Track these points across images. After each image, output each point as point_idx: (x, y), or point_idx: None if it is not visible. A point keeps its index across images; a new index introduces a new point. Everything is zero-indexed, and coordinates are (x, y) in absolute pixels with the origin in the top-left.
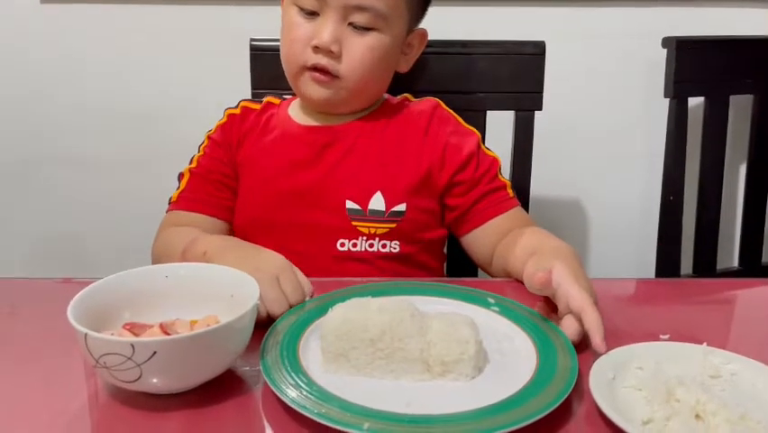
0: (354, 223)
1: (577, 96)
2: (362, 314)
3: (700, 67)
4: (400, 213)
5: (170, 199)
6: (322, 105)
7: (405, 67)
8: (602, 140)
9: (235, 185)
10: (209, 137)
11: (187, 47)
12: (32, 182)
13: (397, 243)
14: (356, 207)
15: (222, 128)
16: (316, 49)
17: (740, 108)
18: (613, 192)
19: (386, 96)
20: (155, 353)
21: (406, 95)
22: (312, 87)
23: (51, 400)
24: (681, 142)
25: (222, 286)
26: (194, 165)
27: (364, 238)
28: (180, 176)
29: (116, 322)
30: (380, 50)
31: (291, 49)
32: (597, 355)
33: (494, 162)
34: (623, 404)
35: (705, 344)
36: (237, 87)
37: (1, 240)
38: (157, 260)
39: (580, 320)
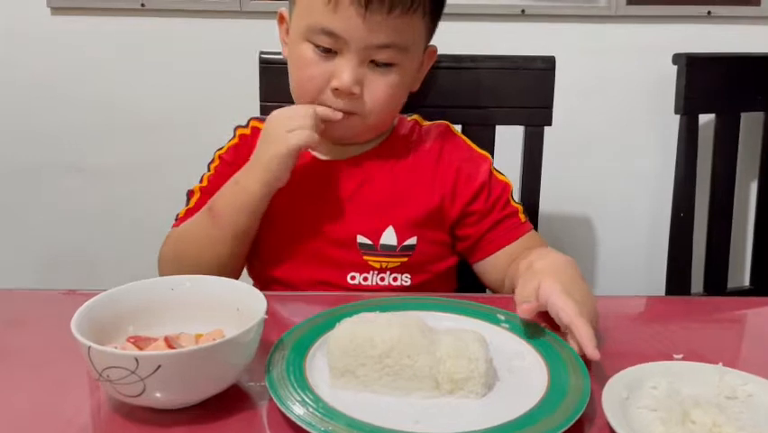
0: (366, 258)
1: (587, 112)
2: (370, 329)
3: (711, 83)
4: (411, 247)
5: (177, 216)
6: (337, 141)
7: (416, 85)
8: (612, 156)
9: None
10: (219, 156)
11: (197, 59)
12: (38, 191)
13: (408, 276)
14: (368, 241)
15: (233, 149)
16: (336, 91)
17: (751, 125)
18: (623, 208)
19: (397, 118)
20: (159, 367)
21: (416, 117)
22: (329, 124)
23: (54, 413)
24: (691, 159)
25: (228, 299)
26: (204, 184)
27: (375, 272)
28: (190, 194)
29: (121, 335)
30: (401, 84)
31: (307, 87)
32: (607, 374)
33: (506, 188)
34: (637, 425)
35: (720, 364)
36: (245, 98)
37: (9, 249)
38: (170, 256)
39: None
